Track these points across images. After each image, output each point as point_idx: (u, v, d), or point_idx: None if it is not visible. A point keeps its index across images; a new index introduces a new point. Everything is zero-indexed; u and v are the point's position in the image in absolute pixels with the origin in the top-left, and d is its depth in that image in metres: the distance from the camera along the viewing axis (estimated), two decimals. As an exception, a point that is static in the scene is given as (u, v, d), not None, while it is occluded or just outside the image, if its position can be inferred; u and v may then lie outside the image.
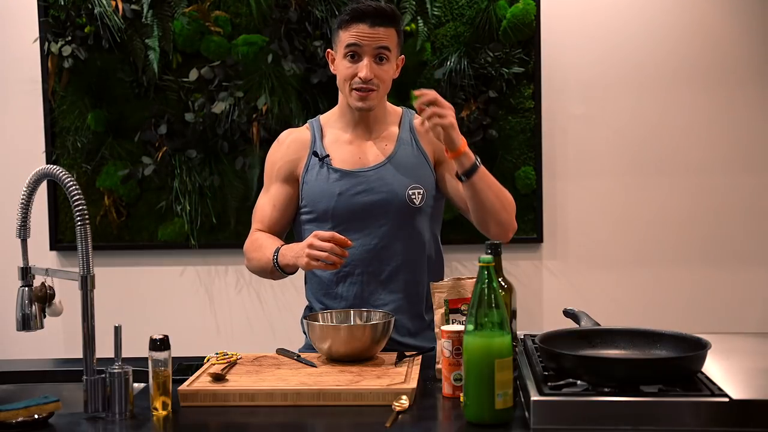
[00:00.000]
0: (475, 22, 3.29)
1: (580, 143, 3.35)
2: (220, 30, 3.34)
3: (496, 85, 3.29)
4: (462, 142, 2.12)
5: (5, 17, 3.42)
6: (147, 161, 3.37)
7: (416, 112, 2.25)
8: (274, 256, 2.20)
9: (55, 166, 1.83)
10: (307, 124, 2.38)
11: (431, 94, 2.10)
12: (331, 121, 2.34)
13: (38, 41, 3.37)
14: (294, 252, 2.14)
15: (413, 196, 2.25)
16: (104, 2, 3.29)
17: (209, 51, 3.34)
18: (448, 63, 3.28)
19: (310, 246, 2.05)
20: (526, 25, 3.27)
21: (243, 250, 2.36)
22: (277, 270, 2.21)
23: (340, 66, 2.24)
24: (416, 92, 2.10)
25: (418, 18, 3.27)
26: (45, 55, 3.37)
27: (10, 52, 3.43)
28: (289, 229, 2.39)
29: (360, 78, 2.19)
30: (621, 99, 3.35)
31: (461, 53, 3.28)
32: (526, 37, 3.29)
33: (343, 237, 2.05)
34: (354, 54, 2.20)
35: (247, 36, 3.33)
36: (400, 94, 3.32)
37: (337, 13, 3.23)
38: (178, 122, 3.35)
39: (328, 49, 2.32)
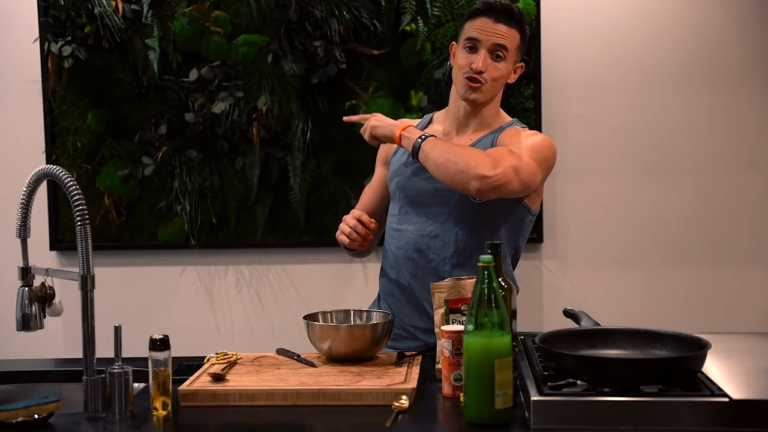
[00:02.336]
0: (475, 22, 3.29)
1: (580, 143, 3.35)
2: (220, 30, 3.34)
3: (496, 85, 3.28)
4: (397, 130, 2.23)
5: (5, 17, 3.42)
6: (147, 161, 3.37)
7: (519, 125, 2.37)
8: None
9: (55, 166, 1.83)
10: (425, 116, 2.47)
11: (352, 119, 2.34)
12: (440, 117, 2.40)
13: (38, 41, 3.37)
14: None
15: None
16: (104, 2, 3.29)
17: (209, 51, 3.34)
18: (448, 63, 3.27)
19: (343, 221, 2.22)
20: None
21: None
22: (343, 246, 2.30)
23: (458, 56, 2.29)
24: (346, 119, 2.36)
25: (418, 18, 3.26)
26: (45, 55, 3.37)
27: (10, 52, 3.43)
28: (382, 213, 2.44)
29: (472, 68, 2.23)
30: (621, 99, 3.35)
31: (461, 53, 3.28)
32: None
33: (369, 218, 2.20)
34: (472, 46, 2.25)
35: (247, 36, 3.33)
36: (400, 94, 3.33)
37: (336, 13, 3.23)
38: (178, 122, 3.35)
39: (452, 42, 2.35)
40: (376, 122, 2.26)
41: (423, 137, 2.18)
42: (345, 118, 2.37)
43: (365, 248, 2.26)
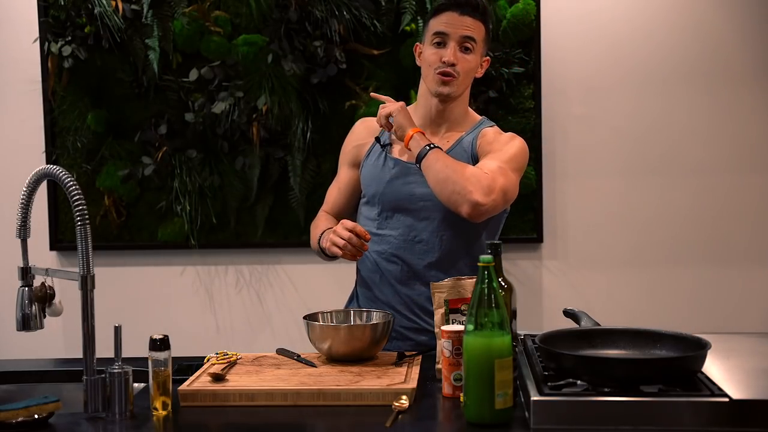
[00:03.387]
0: (475, 22, 3.29)
1: (580, 143, 3.35)
2: (220, 30, 3.34)
3: (496, 85, 3.29)
4: (411, 130, 2.22)
5: (5, 17, 3.42)
6: (147, 161, 3.37)
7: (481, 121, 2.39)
8: (320, 236, 2.32)
9: (55, 166, 1.82)
10: None
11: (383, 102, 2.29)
12: (410, 113, 2.39)
13: (38, 41, 3.37)
14: (328, 235, 2.24)
15: None
16: (104, 2, 3.29)
17: (209, 51, 3.34)
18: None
19: (335, 232, 2.17)
20: (526, 25, 3.27)
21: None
22: (320, 251, 2.32)
23: (426, 53, 2.30)
24: (373, 94, 2.34)
25: (418, 18, 3.26)
26: (45, 55, 3.37)
27: (10, 52, 3.43)
28: (353, 213, 2.45)
29: (444, 62, 2.24)
30: (621, 99, 3.35)
31: (461, 53, 3.28)
32: (526, 37, 3.29)
33: (364, 230, 2.15)
34: (441, 41, 2.26)
35: (247, 36, 3.33)
36: (400, 94, 3.33)
37: (336, 13, 3.23)
38: (178, 122, 3.35)
39: (417, 43, 2.37)
40: (400, 109, 2.24)
41: (430, 146, 2.19)
42: (372, 94, 2.41)
43: (357, 260, 2.23)
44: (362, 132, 2.44)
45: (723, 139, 3.33)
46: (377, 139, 2.35)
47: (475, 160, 2.29)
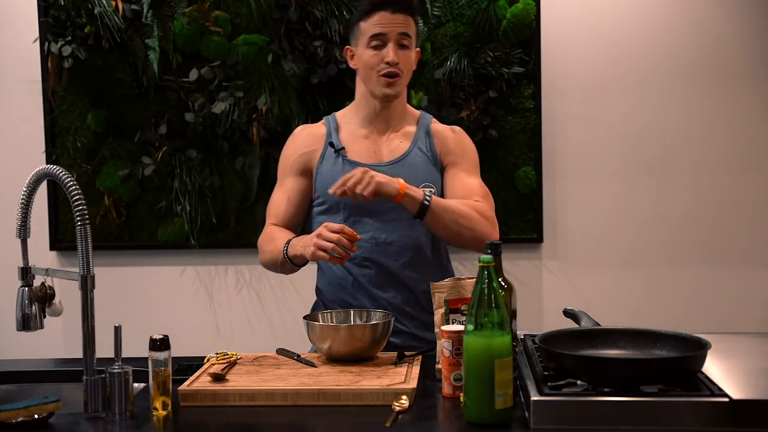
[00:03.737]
0: (475, 22, 3.29)
1: (580, 143, 3.36)
2: (220, 30, 3.34)
3: (496, 85, 3.29)
4: (399, 187, 2.12)
5: (5, 17, 3.42)
6: (147, 161, 3.37)
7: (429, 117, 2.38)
8: (284, 246, 2.22)
9: (55, 166, 1.82)
10: (323, 120, 2.40)
11: (339, 183, 2.10)
12: (347, 116, 2.37)
13: (38, 41, 3.37)
14: (302, 242, 2.16)
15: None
16: (104, 2, 3.29)
17: (209, 51, 3.34)
18: (448, 63, 3.28)
19: (319, 236, 2.08)
20: (526, 25, 3.27)
21: (257, 245, 2.36)
22: (287, 261, 2.23)
23: (363, 56, 2.27)
24: (331, 191, 2.13)
25: (418, 18, 3.26)
26: (45, 55, 3.37)
27: (10, 52, 3.43)
28: (302, 224, 2.40)
29: (387, 62, 2.23)
30: (621, 99, 3.35)
31: (461, 53, 3.28)
32: (526, 37, 3.29)
33: (353, 230, 2.08)
34: (378, 43, 2.24)
35: (247, 36, 3.33)
36: (400, 94, 3.33)
37: (336, 13, 3.23)
38: (178, 122, 3.35)
39: (347, 47, 2.34)
40: (380, 178, 2.10)
41: (427, 201, 2.15)
42: (331, 191, 2.14)
43: (344, 263, 2.16)
44: (307, 139, 2.36)
45: (723, 139, 3.34)
46: (330, 144, 2.30)
47: (435, 161, 2.31)
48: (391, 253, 2.26)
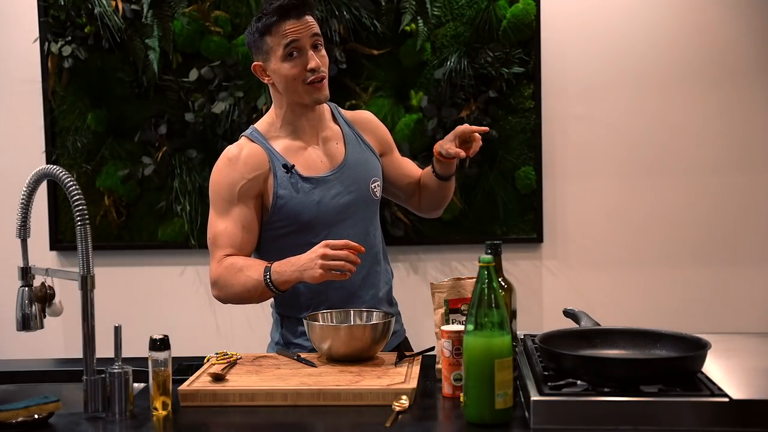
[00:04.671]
0: (475, 22, 3.29)
1: (580, 143, 3.35)
2: (220, 30, 3.34)
3: (496, 85, 3.29)
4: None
5: (5, 17, 3.42)
6: (147, 161, 3.37)
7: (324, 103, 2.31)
8: (266, 275, 2.07)
9: (55, 166, 1.82)
10: (246, 138, 2.23)
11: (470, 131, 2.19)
12: (272, 130, 2.24)
13: (38, 41, 3.37)
14: (297, 266, 2.04)
15: (375, 189, 2.27)
16: (104, 2, 3.29)
17: (209, 51, 3.34)
18: (448, 63, 3.28)
19: (324, 256, 1.99)
20: (526, 25, 3.27)
21: (212, 280, 2.17)
22: (271, 289, 2.09)
23: (281, 70, 2.16)
24: (470, 129, 2.18)
25: (418, 18, 3.27)
26: (45, 55, 3.37)
27: (10, 52, 3.43)
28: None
29: (312, 69, 2.15)
30: (621, 99, 3.35)
31: (461, 53, 3.28)
32: (526, 37, 3.29)
33: (356, 244, 2.02)
34: (293, 51, 2.15)
35: (247, 36, 3.33)
36: (400, 94, 3.33)
37: (336, 13, 3.23)
38: (178, 122, 3.35)
39: (255, 63, 2.21)
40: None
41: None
42: (471, 130, 2.18)
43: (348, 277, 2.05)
44: (249, 161, 2.18)
45: (723, 139, 3.33)
46: (284, 166, 2.18)
47: (373, 151, 2.31)
48: (361, 256, 2.15)
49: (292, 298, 2.21)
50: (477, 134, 2.18)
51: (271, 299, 2.24)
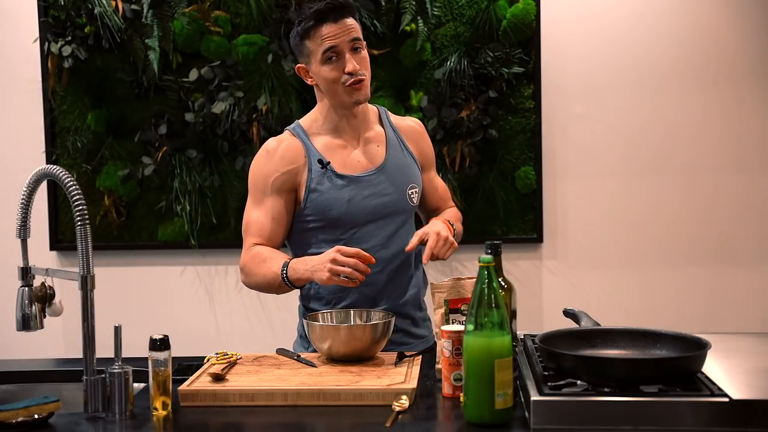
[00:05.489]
0: (475, 22, 3.29)
1: (580, 143, 3.36)
2: (220, 30, 3.34)
3: (496, 85, 3.29)
4: (446, 223, 2.23)
5: (5, 17, 3.42)
6: (147, 161, 3.37)
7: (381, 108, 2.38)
8: (283, 270, 2.13)
9: (55, 166, 1.82)
10: (289, 132, 2.29)
11: (416, 246, 2.16)
12: (314, 127, 2.28)
13: (38, 41, 3.37)
14: (309, 266, 2.08)
15: (412, 195, 2.28)
16: (104, 2, 3.29)
17: (209, 51, 3.34)
18: (448, 63, 3.28)
19: (333, 261, 2.01)
20: (526, 25, 3.27)
21: (240, 266, 2.26)
22: (287, 284, 2.15)
23: (321, 73, 2.20)
24: (407, 249, 2.17)
25: (418, 18, 3.27)
26: (45, 55, 3.37)
27: (10, 52, 3.43)
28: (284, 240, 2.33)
29: (349, 73, 2.17)
30: (621, 99, 3.35)
31: (461, 53, 3.28)
32: (526, 37, 3.29)
33: (368, 254, 2.04)
34: (332, 56, 2.18)
35: (247, 36, 3.33)
36: (400, 94, 3.33)
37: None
38: (178, 122, 3.35)
39: (298, 65, 2.26)
40: (452, 239, 2.16)
41: (453, 226, 2.26)
42: (407, 249, 2.18)
43: (358, 285, 2.08)
44: (286, 155, 2.25)
45: (724, 139, 3.33)
46: (320, 161, 2.22)
47: (414, 159, 2.32)
48: (388, 258, 2.23)
49: (316, 292, 2.26)
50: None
51: (299, 290, 2.30)
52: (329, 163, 2.24)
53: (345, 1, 2.20)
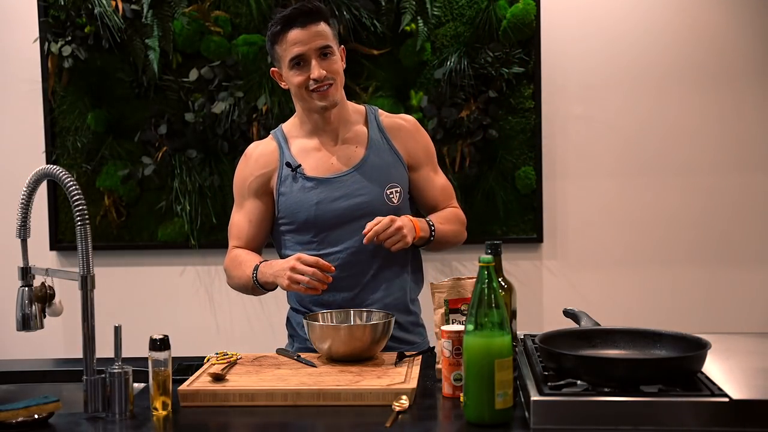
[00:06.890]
0: (475, 22, 3.29)
1: (580, 143, 3.36)
2: (220, 30, 3.34)
3: (496, 85, 3.29)
4: (417, 231, 2.17)
5: (5, 17, 3.42)
6: (147, 161, 3.37)
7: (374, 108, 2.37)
8: (253, 273, 2.17)
9: (55, 166, 1.83)
10: (270, 135, 2.33)
11: (371, 229, 2.10)
12: (293, 130, 2.30)
13: (38, 41, 3.37)
14: (274, 270, 2.11)
15: (391, 195, 2.25)
16: (104, 2, 3.29)
17: (209, 51, 3.34)
18: (448, 63, 3.28)
19: (293, 269, 2.04)
20: (526, 25, 3.27)
21: (223, 268, 2.31)
22: (258, 287, 2.19)
23: (290, 79, 2.21)
24: (365, 240, 2.12)
25: (418, 18, 3.27)
26: (45, 55, 3.37)
27: (10, 52, 3.43)
28: (265, 242, 2.34)
29: (313, 79, 2.17)
30: (621, 99, 3.35)
31: (461, 53, 3.28)
32: (526, 37, 3.29)
33: (327, 263, 2.06)
34: (299, 62, 2.18)
35: (247, 36, 3.33)
36: (400, 94, 3.33)
37: (336, 13, 3.23)
38: (178, 122, 3.35)
39: (273, 69, 2.28)
40: (406, 232, 2.11)
41: (431, 227, 2.22)
42: (366, 241, 2.12)
43: (319, 293, 2.09)
44: (260, 159, 2.29)
45: (723, 139, 3.33)
46: (287, 164, 2.24)
47: (398, 158, 2.28)
48: (367, 259, 2.22)
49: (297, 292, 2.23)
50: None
51: None
52: (299, 166, 2.24)
53: (314, 6, 2.20)
